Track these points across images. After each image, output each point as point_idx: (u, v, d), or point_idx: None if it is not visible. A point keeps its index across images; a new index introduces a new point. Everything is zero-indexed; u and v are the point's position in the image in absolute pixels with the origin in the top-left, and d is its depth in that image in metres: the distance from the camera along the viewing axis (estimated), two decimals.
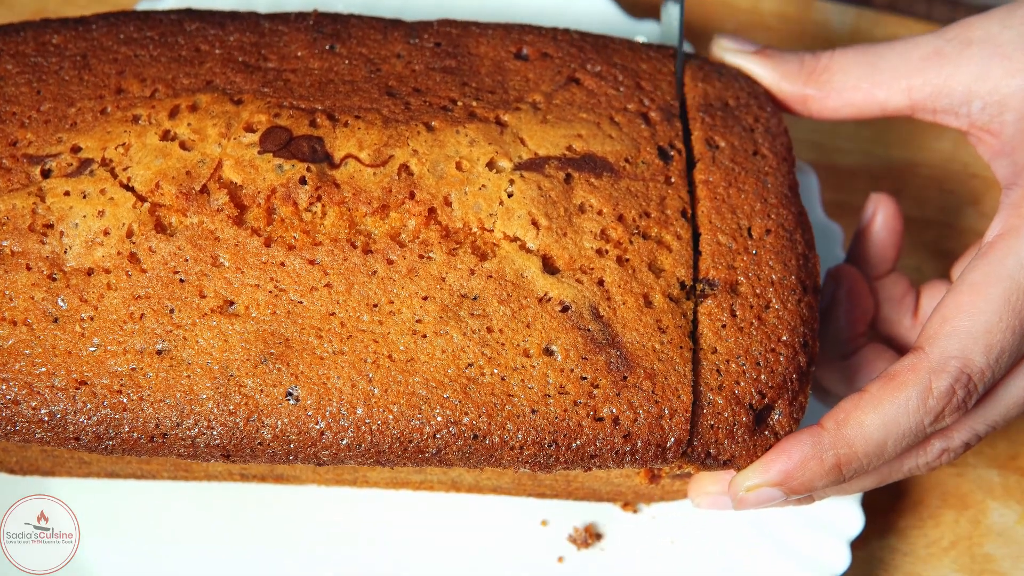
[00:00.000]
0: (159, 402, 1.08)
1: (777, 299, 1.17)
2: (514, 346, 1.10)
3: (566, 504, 1.36)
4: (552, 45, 1.26)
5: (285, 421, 1.08)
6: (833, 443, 1.12)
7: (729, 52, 1.30)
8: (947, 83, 1.22)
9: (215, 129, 1.15)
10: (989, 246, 1.15)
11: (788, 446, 1.13)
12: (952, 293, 1.14)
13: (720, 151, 1.22)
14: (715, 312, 1.15)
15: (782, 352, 1.15)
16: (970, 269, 1.15)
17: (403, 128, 1.16)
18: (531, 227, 1.13)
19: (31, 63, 1.21)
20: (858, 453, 1.12)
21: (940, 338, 1.12)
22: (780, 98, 1.29)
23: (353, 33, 1.25)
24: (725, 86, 1.27)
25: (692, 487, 1.25)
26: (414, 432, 1.08)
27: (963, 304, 1.13)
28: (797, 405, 1.16)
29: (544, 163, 1.16)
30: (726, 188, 1.20)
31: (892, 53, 1.24)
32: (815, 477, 1.13)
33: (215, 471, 1.32)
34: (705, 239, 1.18)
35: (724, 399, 1.13)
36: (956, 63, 1.21)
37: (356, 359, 1.09)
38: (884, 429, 1.12)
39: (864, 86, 1.25)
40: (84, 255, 1.11)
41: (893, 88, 1.24)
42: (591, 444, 1.10)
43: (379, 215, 1.13)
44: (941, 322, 1.13)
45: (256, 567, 1.33)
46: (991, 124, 1.22)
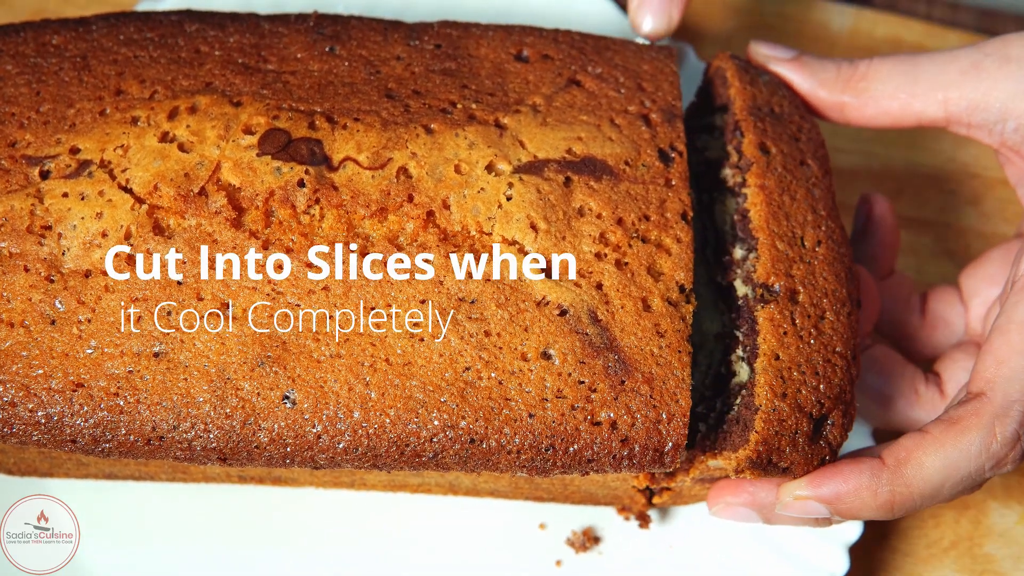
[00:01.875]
0: (156, 405, 1.08)
1: (831, 310, 1.17)
2: (512, 350, 1.10)
3: (564, 508, 1.36)
4: (553, 47, 1.26)
5: (282, 424, 1.08)
6: (891, 480, 1.12)
7: (764, 60, 1.30)
8: (984, 98, 1.22)
9: (214, 131, 1.14)
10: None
11: (847, 470, 1.13)
12: (1000, 333, 1.13)
13: (772, 157, 1.22)
14: (777, 318, 1.16)
15: (837, 363, 1.16)
16: (1013, 306, 1.14)
17: (402, 131, 1.16)
18: (530, 230, 1.13)
19: (31, 64, 1.21)
20: (914, 494, 1.12)
21: (1000, 382, 1.11)
22: (816, 105, 1.29)
23: (353, 35, 1.24)
24: (770, 92, 1.27)
25: (712, 495, 1.23)
26: (411, 436, 1.08)
27: (1016, 344, 1.12)
28: (849, 417, 1.16)
29: (543, 166, 1.16)
30: (780, 195, 1.20)
31: (931, 64, 1.24)
32: (864, 507, 1.12)
33: (213, 473, 1.32)
34: (763, 243, 1.18)
35: (788, 406, 1.13)
36: (994, 78, 1.21)
37: (353, 362, 1.09)
38: (944, 472, 1.11)
39: (901, 96, 1.24)
40: (82, 257, 1.11)
41: (930, 99, 1.24)
42: (588, 448, 1.10)
43: (377, 218, 1.12)
44: (996, 365, 1.12)
45: (254, 568, 1.33)
46: (1022, 147, 1.22)
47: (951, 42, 1.66)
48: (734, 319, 1.20)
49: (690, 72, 1.52)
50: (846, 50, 1.66)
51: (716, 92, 1.31)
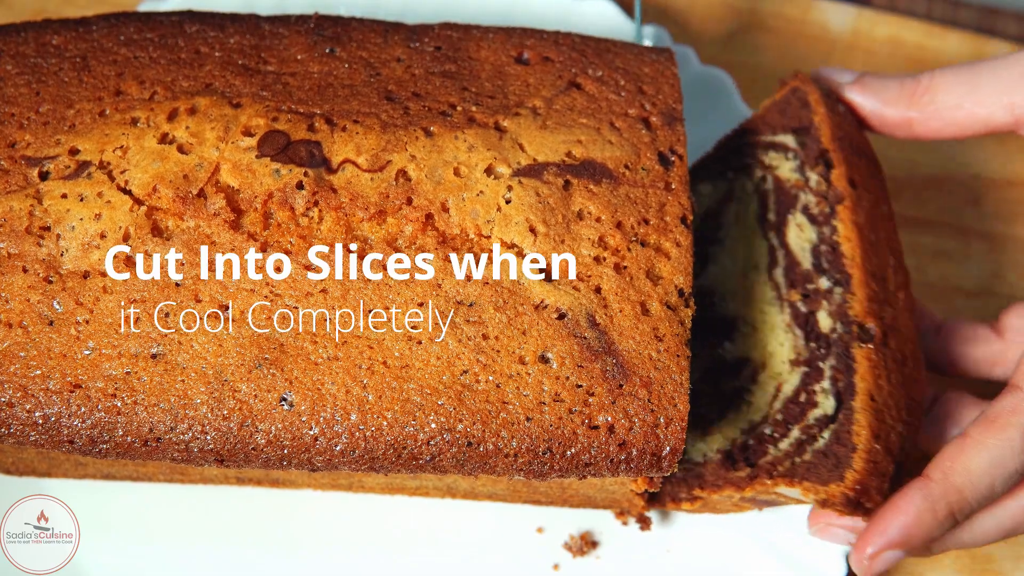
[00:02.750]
0: (153, 406, 1.08)
1: (911, 358, 1.19)
2: (509, 353, 1.10)
3: (562, 511, 1.36)
4: (553, 49, 1.26)
5: (279, 426, 1.08)
6: (944, 492, 1.13)
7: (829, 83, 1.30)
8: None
9: (213, 133, 1.14)
10: None
11: (901, 503, 1.14)
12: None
13: (860, 193, 1.23)
14: (875, 360, 1.18)
15: (915, 412, 1.18)
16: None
17: (401, 133, 1.16)
18: (529, 234, 1.13)
19: (31, 64, 1.21)
20: (968, 499, 1.13)
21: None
22: (882, 123, 1.29)
23: (353, 36, 1.24)
24: (849, 123, 1.27)
25: (813, 517, 1.24)
26: (408, 439, 1.08)
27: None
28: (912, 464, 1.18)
29: (543, 169, 1.16)
30: (869, 233, 1.22)
31: (992, 70, 1.25)
32: (931, 529, 1.13)
33: (211, 474, 1.32)
34: (858, 281, 1.20)
35: (882, 449, 1.14)
36: None
37: (351, 365, 1.09)
38: (991, 472, 1.12)
39: (967, 105, 1.25)
40: (80, 258, 1.11)
41: (995, 105, 1.24)
42: (586, 452, 1.10)
43: (376, 220, 1.12)
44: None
45: (251, 570, 1.33)
46: None
47: (951, 41, 1.65)
48: (817, 349, 1.21)
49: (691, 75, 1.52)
50: (846, 50, 1.66)
51: (791, 112, 1.31)
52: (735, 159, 1.35)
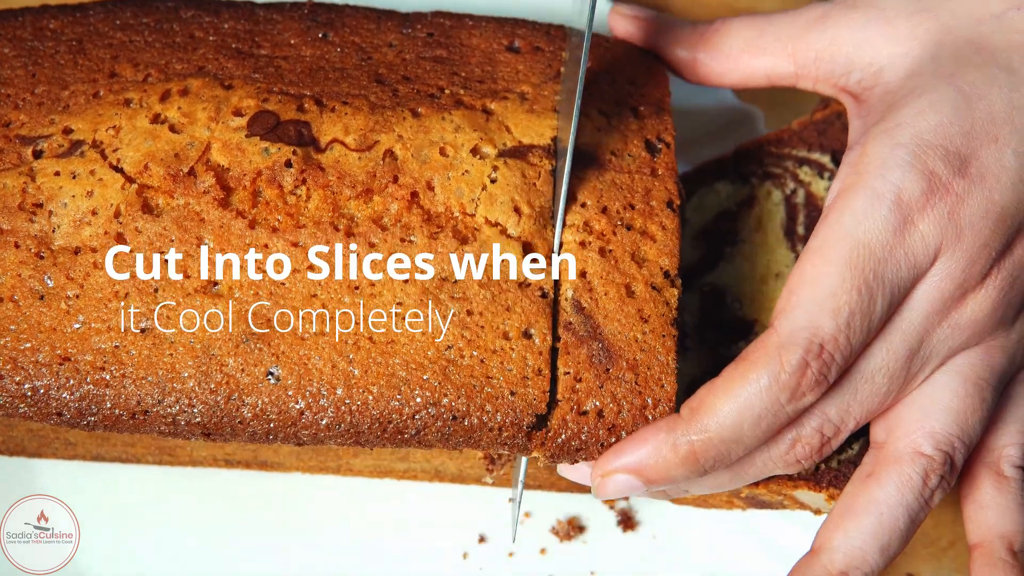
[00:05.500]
0: (141, 379, 1.09)
1: None
2: (493, 329, 1.11)
3: (549, 496, 1.37)
4: (545, 39, 1.27)
5: (265, 400, 1.09)
6: (687, 430, 1.07)
7: (625, 19, 1.29)
8: (829, 48, 1.21)
9: (204, 113, 1.16)
10: (828, 209, 1.11)
11: (646, 432, 1.09)
12: (796, 265, 1.10)
13: None
14: None
15: None
16: (812, 236, 1.10)
17: (389, 114, 1.17)
18: (513, 213, 1.14)
19: (27, 47, 1.23)
20: (714, 439, 1.06)
21: (788, 311, 1.07)
22: (673, 63, 1.28)
23: (347, 22, 1.26)
24: None
25: None
26: (393, 413, 1.09)
27: (807, 273, 1.08)
28: None
29: (528, 151, 1.17)
30: None
31: (781, 18, 1.24)
32: (669, 466, 1.07)
33: (200, 456, 1.33)
34: None
35: None
36: (838, 27, 1.20)
37: (337, 340, 1.10)
38: (738, 412, 1.05)
39: (752, 50, 1.24)
40: (72, 234, 1.12)
41: (779, 53, 1.23)
42: (576, 439, 1.11)
43: (363, 199, 1.14)
44: (788, 295, 1.08)
45: (240, 553, 1.33)
46: (863, 93, 1.20)
47: None
48: None
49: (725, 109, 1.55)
50: None
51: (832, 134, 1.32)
52: (758, 167, 1.36)
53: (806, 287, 1.07)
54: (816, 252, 1.08)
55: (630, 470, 1.09)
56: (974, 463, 1.16)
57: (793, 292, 1.08)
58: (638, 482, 1.09)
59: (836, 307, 1.06)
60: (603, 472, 1.10)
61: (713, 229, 1.35)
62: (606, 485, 1.10)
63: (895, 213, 1.07)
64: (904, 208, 1.07)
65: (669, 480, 1.09)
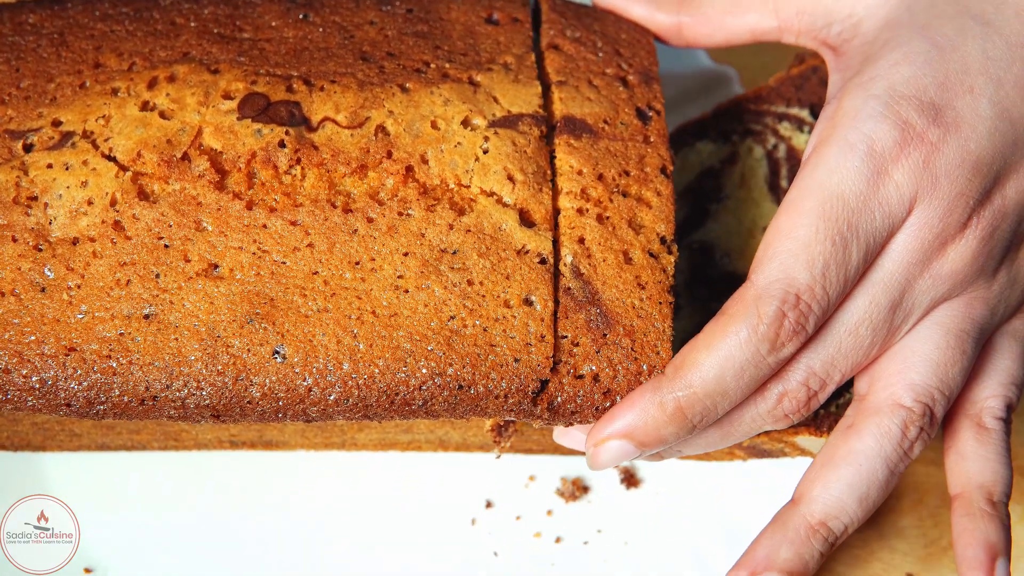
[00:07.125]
0: (148, 365, 1.10)
1: None
2: (495, 297, 1.12)
3: (553, 459, 1.39)
4: (522, 11, 1.28)
5: (273, 379, 1.10)
6: (672, 387, 1.08)
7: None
8: (810, 1, 1.22)
9: (194, 98, 1.16)
10: (803, 163, 1.12)
11: (633, 396, 1.10)
12: (773, 218, 1.11)
13: None
14: None
15: None
16: (789, 190, 1.12)
17: (378, 90, 1.18)
18: (507, 182, 1.15)
19: (8, 43, 1.23)
20: (699, 394, 1.07)
21: (763, 263, 1.09)
22: (656, 29, 1.29)
23: (326, 2, 1.26)
24: None
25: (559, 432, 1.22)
26: (400, 385, 1.10)
27: (782, 226, 1.09)
28: None
29: (517, 120, 1.18)
30: None
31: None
32: (659, 426, 1.09)
33: (205, 439, 1.34)
34: None
35: None
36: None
37: (340, 316, 1.11)
38: (720, 365, 1.06)
39: (734, 9, 1.25)
40: (69, 225, 1.13)
41: (761, 10, 1.24)
42: (571, 402, 1.12)
43: (358, 175, 1.15)
44: (764, 248, 1.10)
45: (246, 532, 1.34)
46: (842, 46, 1.22)
47: None
48: None
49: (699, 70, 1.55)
50: None
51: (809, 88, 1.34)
52: (738, 124, 1.38)
53: (781, 239, 1.08)
54: (791, 204, 1.09)
55: (621, 435, 1.10)
56: (956, 415, 1.17)
57: (769, 245, 1.09)
58: (630, 446, 1.10)
59: (810, 258, 1.07)
60: (595, 441, 1.11)
61: (697, 188, 1.36)
62: (599, 454, 1.11)
63: (868, 163, 1.08)
64: (877, 158, 1.08)
65: (660, 440, 1.10)
